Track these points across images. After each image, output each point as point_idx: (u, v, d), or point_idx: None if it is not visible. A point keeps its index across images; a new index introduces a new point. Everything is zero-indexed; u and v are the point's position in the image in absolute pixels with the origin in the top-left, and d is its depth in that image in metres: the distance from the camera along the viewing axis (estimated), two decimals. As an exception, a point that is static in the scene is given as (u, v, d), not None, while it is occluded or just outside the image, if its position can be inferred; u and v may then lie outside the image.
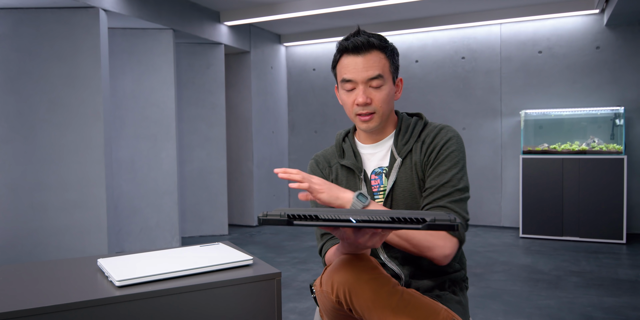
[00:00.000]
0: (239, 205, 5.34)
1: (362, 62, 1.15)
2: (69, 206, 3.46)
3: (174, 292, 0.87)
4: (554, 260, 3.66)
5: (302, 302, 2.78)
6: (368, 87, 1.16)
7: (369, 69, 1.15)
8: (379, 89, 1.17)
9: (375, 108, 1.17)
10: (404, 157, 1.20)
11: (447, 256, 1.08)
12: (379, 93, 1.17)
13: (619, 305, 2.66)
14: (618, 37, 4.50)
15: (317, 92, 5.80)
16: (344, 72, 1.18)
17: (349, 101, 1.19)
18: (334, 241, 1.19)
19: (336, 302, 0.96)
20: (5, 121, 3.42)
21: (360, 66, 1.15)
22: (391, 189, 1.18)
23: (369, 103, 1.16)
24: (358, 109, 1.18)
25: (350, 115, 1.21)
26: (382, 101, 1.17)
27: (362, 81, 1.15)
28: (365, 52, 1.15)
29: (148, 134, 4.16)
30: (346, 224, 0.76)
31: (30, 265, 1.05)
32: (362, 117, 1.18)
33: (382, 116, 1.19)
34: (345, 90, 1.20)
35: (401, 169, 1.19)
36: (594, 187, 4.19)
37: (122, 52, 4.12)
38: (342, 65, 1.19)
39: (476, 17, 4.83)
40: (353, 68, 1.16)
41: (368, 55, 1.15)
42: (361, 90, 1.16)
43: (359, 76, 1.15)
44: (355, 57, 1.16)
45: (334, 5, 4.25)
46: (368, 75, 1.15)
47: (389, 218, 0.75)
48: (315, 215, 0.77)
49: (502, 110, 4.95)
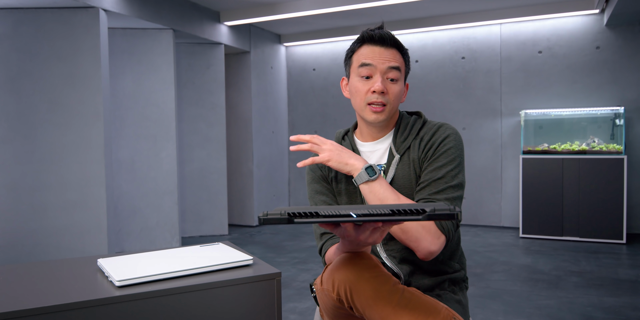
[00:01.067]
0: (239, 205, 5.34)
1: (384, 52, 1.17)
2: (69, 206, 3.46)
3: (174, 292, 0.87)
4: (554, 260, 3.66)
5: (302, 302, 2.78)
6: (385, 79, 1.17)
7: (391, 60, 1.17)
8: (395, 82, 1.18)
9: (388, 100, 1.17)
10: (402, 154, 1.20)
11: (431, 252, 1.07)
12: (394, 86, 1.18)
13: (619, 305, 2.66)
14: (618, 37, 4.50)
15: (317, 92, 5.80)
16: (363, 57, 1.18)
17: (363, 89, 1.18)
18: (333, 240, 1.20)
19: (337, 301, 0.96)
20: (5, 121, 3.42)
21: (382, 55, 1.17)
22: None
23: (385, 93, 1.17)
24: (372, 97, 1.17)
25: (361, 104, 1.20)
26: (395, 95, 1.18)
27: (382, 70, 1.17)
28: (389, 46, 1.18)
29: (148, 134, 4.16)
30: (347, 219, 0.77)
31: (30, 265, 1.05)
32: (375, 107, 1.17)
33: (391, 111, 1.19)
34: (360, 77, 1.19)
35: (399, 165, 1.19)
36: (594, 187, 4.19)
37: (122, 52, 4.12)
38: (361, 53, 1.19)
39: (476, 17, 4.83)
40: (375, 55, 1.17)
41: (390, 49, 1.18)
42: (379, 79, 1.16)
43: (381, 64, 1.16)
44: (378, 47, 1.17)
45: (334, 5, 4.25)
46: (390, 64, 1.16)
47: (389, 211, 0.75)
48: (315, 212, 0.77)
49: (502, 110, 4.95)
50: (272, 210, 0.79)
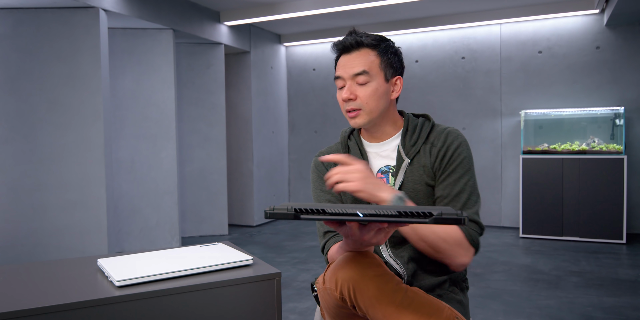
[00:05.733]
0: (239, 205, 5.34)
1: (350, 60, 1.18)
2: (69, 206, 3.46)
3: (174, 292, 0.87)
4: (554, 260, 3.65)
5: (302, 302, 2.78)
6: (354, 84, 1.18)
7: (355, 66, 1.17)
8: (364, 85, 1.18)
9: (360, 104, 1.18)
10: (412, 158, 1.20)
11: (464, 265, 1.11)
12: (364, 89, 1.17)
13: (619, 305, 2.66)
14: (618, 37, 4.50)
15: (317, 92, 5.80)
16: (337, 70, 1.21)
17: (339, 99, 1.22)
18: (336, 239, 1.20)
19: (340, 299, 0.96)
20: (5, 121, 3.42)
21: (348, 63, 1.18)
22: (399, 188, 1.19)
23: (353, 99, 1.18)
24: (346, 106, 1.20)
25: (344, 113, 1.23)
26: (368, 97, 1.17)
27: (348, 77, 1.18)
28: (354, 50, 1.18)
29: (148, 134, 4.16)
30: (353, 218, 0.77)
31: (30, 265, 1.05)
32: (350, 114, 1.20)
33: (371, 113, 1.19)
34: (338, 89, 1.22)
35: (409, 169, 1.19)
36: (594, 187, 4.19)
37: (122, 52, 4.12)
38: (337, 65, 1.23)
39: (476, 17, 4.83)
40: (342, 65, 1.19)
41: (356, 53, 1.18)
42: (347, 86, 1.18)
43: (345, 72, 1.18)
44: (346, 55, 1.20)
45: (334, 5, 4.25)
46: (353, 71, 1.17)
47: (395, 212, 0.75)
48: (322, 209, 0.77)
49: (502, 110, 4.95)
50: (278, 205, 0.79)
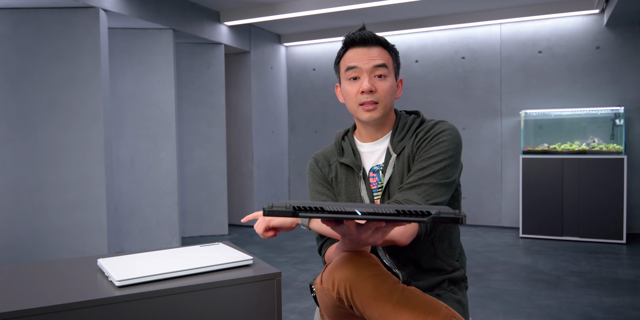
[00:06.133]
0: (239, 205, 5.34)
1: (368, 52, 1.18)
2: (69, 206, 3.46)
3: (174, 292, 0.87)
4: (554, 260, 3.65)
5: (302, 302, 2.78)
6: (373, 77, 1.18)
7: (375, 58, 1.17)
8: (383, 79, 1.18)
9: (379, 97, 1.18)
10: (398, 153, 1.20)
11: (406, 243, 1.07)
12: (383, 83, 1.18)
13: (619, 305, 2.65)
14: (618, 37, 4.50)
15: (317, 92, 5.79)
16: (348, 61, 1.19)
17: (353, 91, 1.19)
18: (333, 240, 1.19)
19: (337, 299, 0.96)
20: (5, 121, 3.42)
21: (366, 55, 1.18)
22: (387, 184, 1.19)
23: (374, 91, 1.17)
24: (362, 98, 1.18)
25: (353, 106, 1.20)
26: (386, 92, 1.18)
27: (367, 70, 1.17)
28: (372, 45, 1.18)
29: (148, 134, 4.16)
30: (351, 216, 0.77)
31: (30, 265, 1.05)
32: (366, 106, 1.18)
33: (385, 108, 1.19)
34: (348, 80, 1.20)
35: (396, 164, 1.19)
36: (594, 187, 4.19)
37: (122, 52, 4.12)
38: (346, 57, 1.21)
39: (476, 17, 4.83)
40: (359, 57, 1.18)
41: (374, 48, 1.18)
42: (366, 78, 1.17)
43: (365, 64, 1.17)
44: (361, 48, 1.19)
45: (334, 5, 4.25)
46: (374, 62, 1.17)
47: (394, 211, 0.75)
48: (320, 207, 0.77)
49: (502, 110, 4.95)
50: (277, 202, 0.79)
